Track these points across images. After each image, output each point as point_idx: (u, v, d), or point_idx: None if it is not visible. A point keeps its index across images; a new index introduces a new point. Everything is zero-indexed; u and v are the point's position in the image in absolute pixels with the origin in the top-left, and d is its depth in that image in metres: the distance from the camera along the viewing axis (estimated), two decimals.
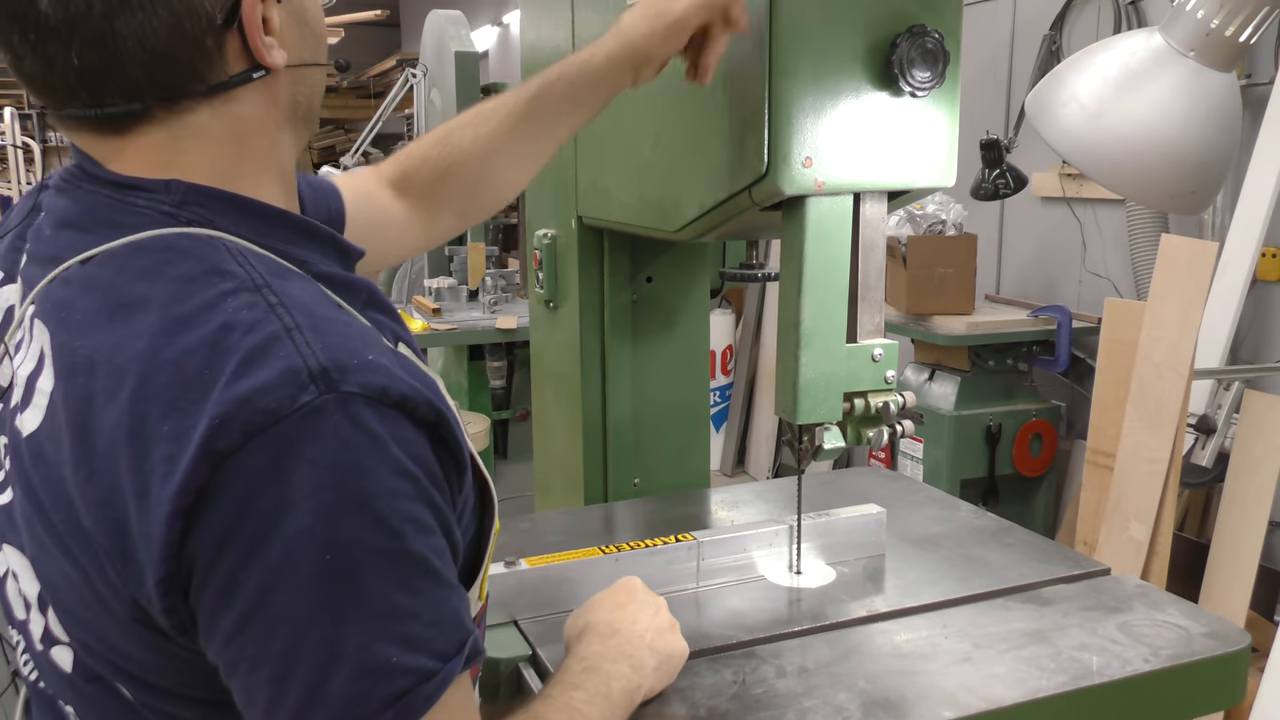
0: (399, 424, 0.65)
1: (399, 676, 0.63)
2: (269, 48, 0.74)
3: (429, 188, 1.17)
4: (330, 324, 0.67)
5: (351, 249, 0.82)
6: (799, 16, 1.04)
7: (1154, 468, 2.59)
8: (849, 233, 1.13)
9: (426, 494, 0.67)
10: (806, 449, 1.18)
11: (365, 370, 0.64)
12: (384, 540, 0.63)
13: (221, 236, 0.71)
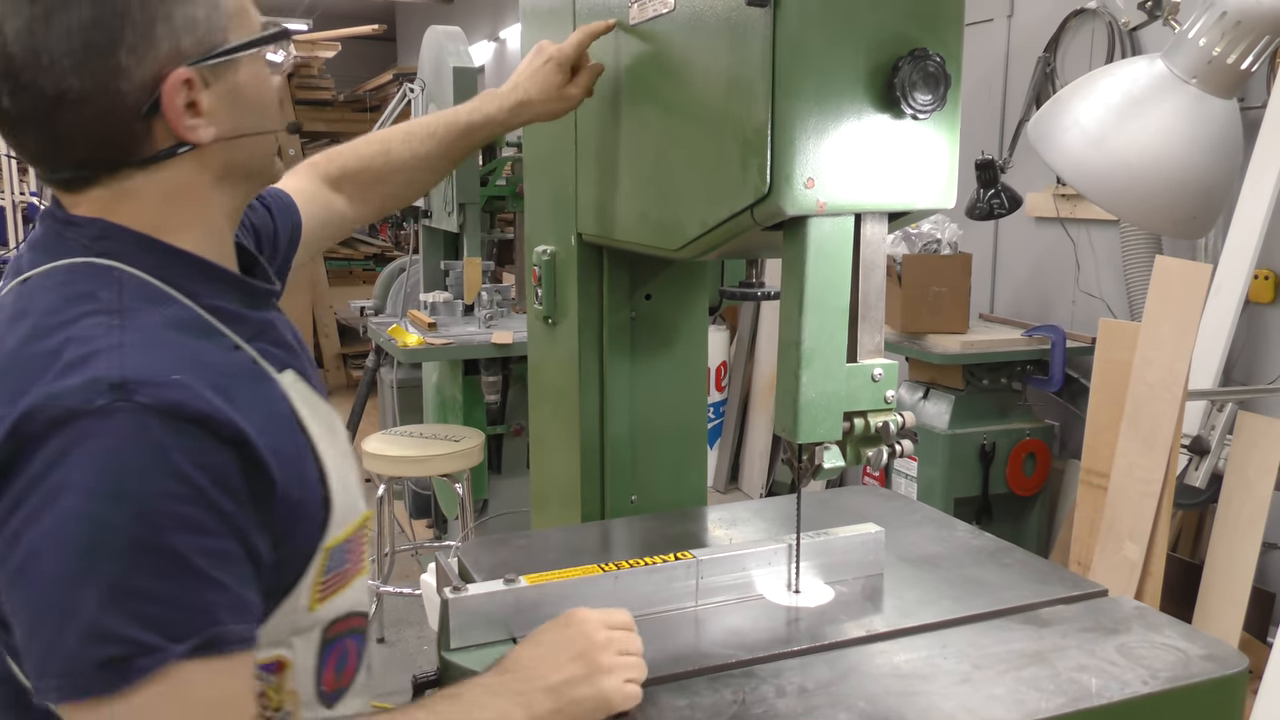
0: (190, 437, 0.77)
1: (119, 645, 0.74)
2: (193, 128, 0.88)
3: (365, 188, 1.41)
4: (161, 347, 0.81)
5: (257, 289, 0.96)
6: (802, 39, 1.05)
7: (1148, 488, 2.60)
8: (850, 253, 1.13)
9: (209, 500, 0.78)
10: (806, 468, 1.18)
11: (165, 388, 0.77)
12: (140, 530, 0.75)
13: (119, 267, 0.86)
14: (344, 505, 0.94)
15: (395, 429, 3.77)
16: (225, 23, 0.89)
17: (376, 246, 8.13)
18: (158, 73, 0.85)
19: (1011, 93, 3.85)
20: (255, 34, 0.92)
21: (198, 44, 0.87)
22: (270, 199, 1.23)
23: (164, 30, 0.84)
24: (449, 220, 4.19)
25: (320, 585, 0.93)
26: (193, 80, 0.87)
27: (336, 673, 0.99)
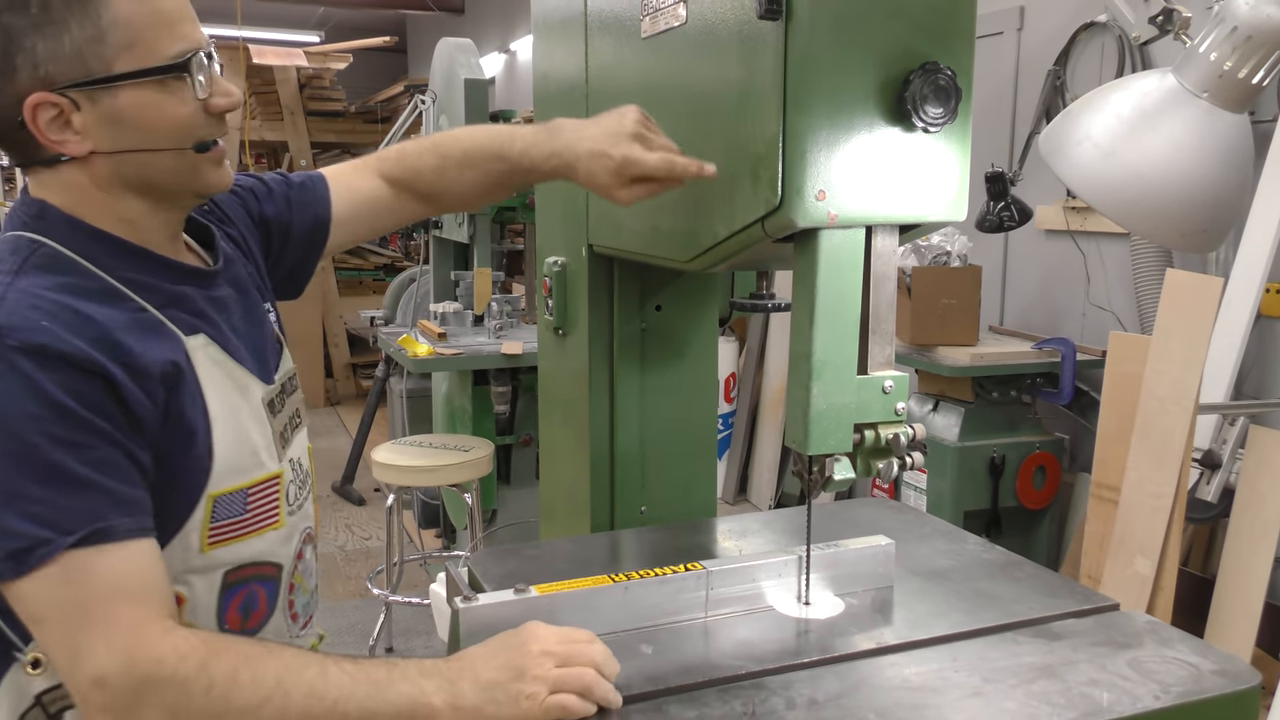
0: (56, 370, 0.92)
1: (16, 539, 0.91)
2: (62, 143, 1.01)
3: (418, 196, 1.44)
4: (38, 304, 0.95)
5: (169, 262, 1.10)
6: (813, 52, 1.05)
7: (1159, 502, 2.59)
8: (861, 265, 1.13)
9: (79, 418, 0.93)
10: (816, 480, 1.18)
11: (32, 332, 0.93)
12: (18, 446, 0.91)
13: (42, 240, 1.02)
14: (232, 458, 1.08)
15: (404, 439, 3.77)
16: (110, 54, 0.99)
17: (386, 257, 8.16)
18: (19, 96, 0.98)
19: (1021, 106, 3.85)
20: (147, 65, 1.01)
21: (64, 73, 0.98)
22: (299, 193, 1.35)
23: (24, 61, 0.97)
24: (459, 231, 4.21)
25: (210, 529, 1.07)
26: (59, 103, 0.99)
27: (242, 614, 1.13)
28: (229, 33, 8.18)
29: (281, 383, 1.24)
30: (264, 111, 7.72)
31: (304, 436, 1.30)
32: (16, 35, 0.97)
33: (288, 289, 1.40)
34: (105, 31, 0.98)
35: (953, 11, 1.09)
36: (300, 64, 7.56)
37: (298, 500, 1.23)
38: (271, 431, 1.17)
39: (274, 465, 1.16)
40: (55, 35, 0.97)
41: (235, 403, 1.11)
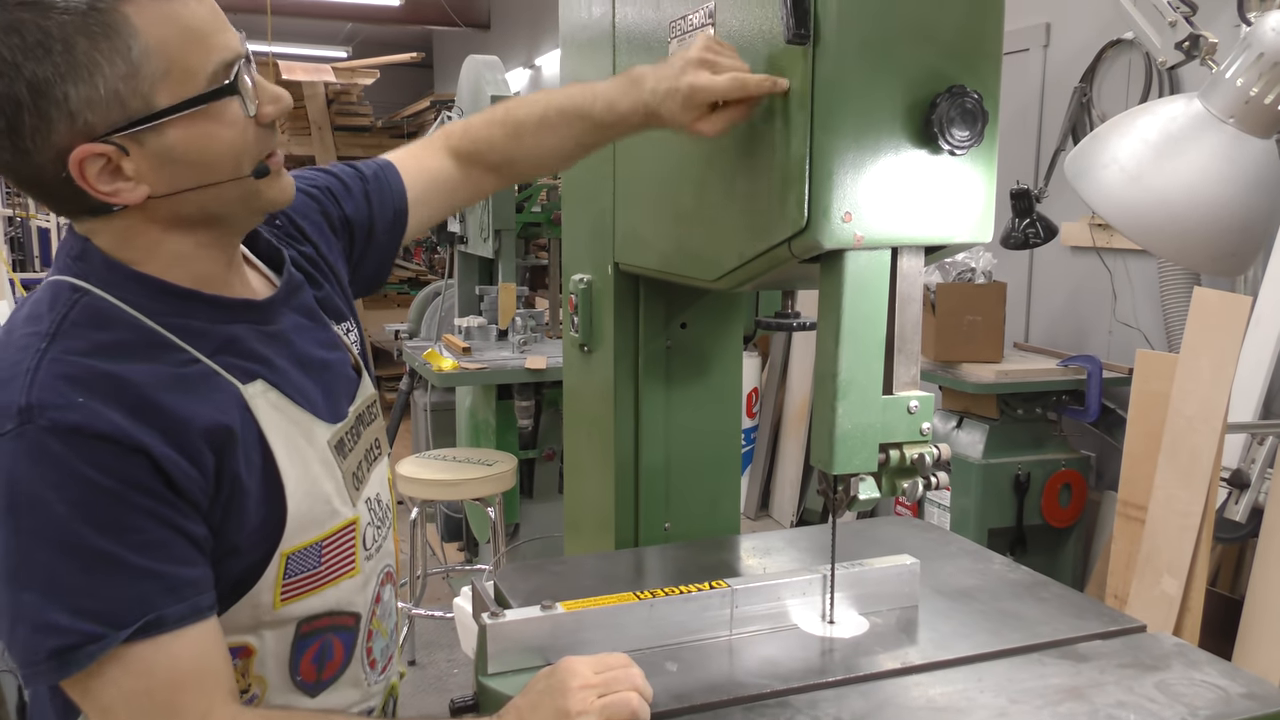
0: (95, 450, 0.86)
1: (64, 635, 0.85)
2: (116, 192, 0.93)
3: (490, 168, 1.38)
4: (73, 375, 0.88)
5: (220, 301, 1.02)
6: (841, 76, 1.06)
7: (1187, 521, 2.57)
8: (886, 286, 1.14)
9: (125, 500, 0.87)
10: (842, 499, 1.18)
11: (64, 410, 0.86)
12: (60, 538, 0.85)
13: (82, 285, 0.95)
14: (306, 513, 1.01)
15: (428, 452, 3.80)
16: (150, 87, 0.90)
17: (410, 270, 8.23)
18: (61, 151, 0.89)
19: (1047, 122, 3.84)
20: (193, 92, 0.92)
21: (105, 120, 0.89)
22: (375, 186, 1.29)
23: (59, 113, 0.88)
24: (484, 246, 4.24)
25: (283, 586, 1.01)
26: (107, 153, 0.90)
27: (317, 665, 1.07)
28: (259, 48, 8.29)
29: (357, 414, 1.16)
30: (292, 126, 7.82)
31: (384, 468, 1.22)
32: (45, 87, 0.87)
33: (373, 283, 1.34)
34: (139, 65, 0.88)
35: (980, 35, 1.10)
36: (328, 80, 7.65)
37: (376, 542, 1.15)
38: (341, 475, 1.08)
39: (348, 512, 1.08)
40: (88, 79, 0.87)
41: (303, 451, 1.03)
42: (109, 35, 0.87)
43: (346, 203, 1.26)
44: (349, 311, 1.24)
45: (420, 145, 1.38)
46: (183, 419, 0.91)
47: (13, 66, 0.86)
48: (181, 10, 0.91)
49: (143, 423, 0.89)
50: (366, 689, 1.15)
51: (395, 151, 1.38)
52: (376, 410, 1.23)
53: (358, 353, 1.22)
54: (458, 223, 4.55)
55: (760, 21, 1.17)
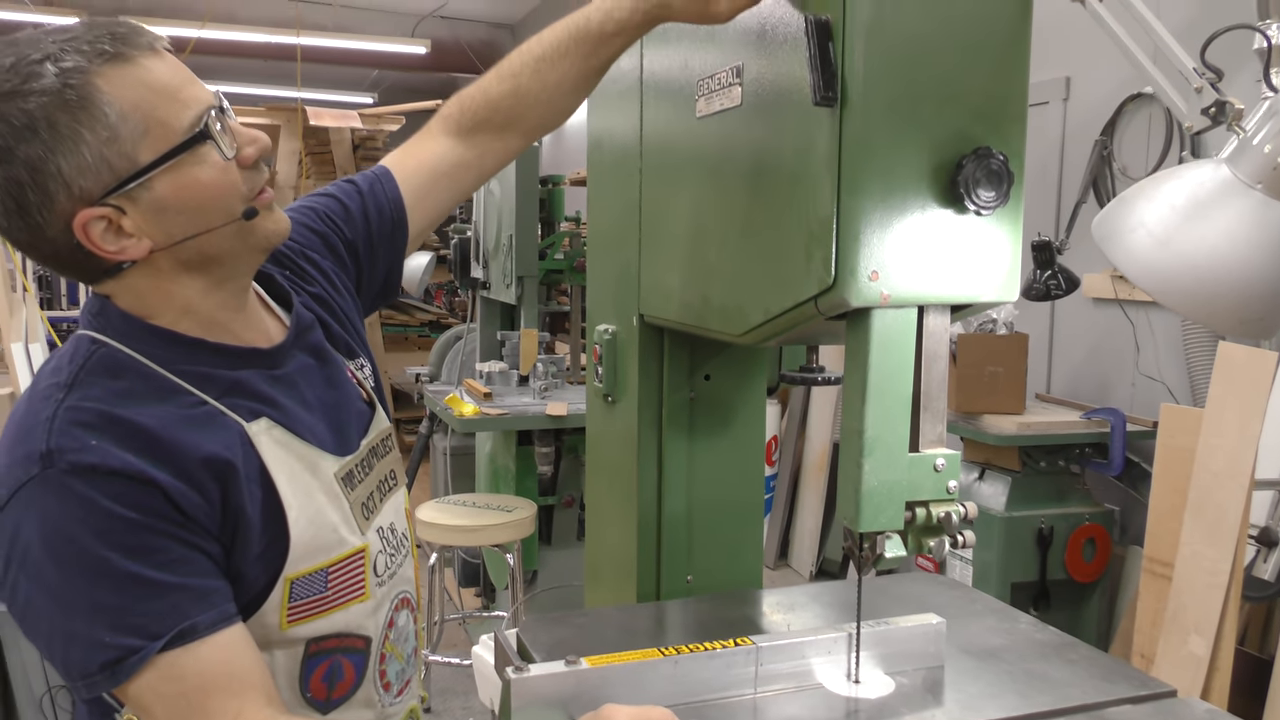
0: (112, 485, 0.94)
1: (111, 650, 0.94)
2: (122, 250, 1.00)
3: (496, 131, 1.35)
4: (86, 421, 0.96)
5: (228, 349, 1.08)
6: (867, 137, 1.08)
7: (1214, 579, 2.53)
8: (913, 344, 1.14)
9: (146, 526, 0.95)
10: (868, 557, 1.18)
11: (80, 453, 0.94)
12: (93, 566, 0.93)
13: (100, 338, 1.03)
14: (310, 540, 1.08)
15: (448, 497, 3.80)
16: (131, 147, 0.97)
17: (432, 313, 8.28)
18: (66, 220, 0.97)
19: (1068, 174, 3.86)
20: (168, 144, 0.98)
21: (98, 183, 0.96)
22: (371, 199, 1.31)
23: (57, 186, 0.95)
24: (507, 292, 4.27)
25: (289, 609, 1.07)
26: (106, 214, 0.98)
27: (327, 684, 1.12)
28: (289, 94, 8.45)
29: (370, 446, 1.21)
30: (318, 170, 7.93)
31: (399, 499, 1.27)
32: (39, 164, 0.94)
33: (385, 294, 1.37)
34: (118, 128, 0.96)
35: (1005, 98, 1.11)
36: (355, 125, 7.77)
37: (389, 570, 1.20)
38: (349, 505, 1.14)
39: (357, 540, 1.14)
40: (75, 151, 0.95)
41: (307, 482, 1.10)
42: (85, 107, 0.95)
43: (347, 227, 1.30)
44: (360, 348, 1.29)
45: (419, 136, 1.38)
46: (187, 454, 0.99)
47: (8, 152, 0.94)
48: (146, 73, 0.98)
49: (152, 459, 0.97)
50: (381, 710, 1.19)
51: (394, 151, 1.38)
52: (392, 443, 1.29)
53: (371, 387, 1.27)
54: (481, 269, 4.59)
55: (787, 82, 1.19)
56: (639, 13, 1.23)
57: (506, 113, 1.33)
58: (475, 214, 4.67)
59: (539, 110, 1.33)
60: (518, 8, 10.39)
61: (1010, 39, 1.11)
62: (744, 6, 1.19)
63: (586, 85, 1.33)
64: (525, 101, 1.32)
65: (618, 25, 1.24)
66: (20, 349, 3.02)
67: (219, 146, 1.01)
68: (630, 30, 1.26)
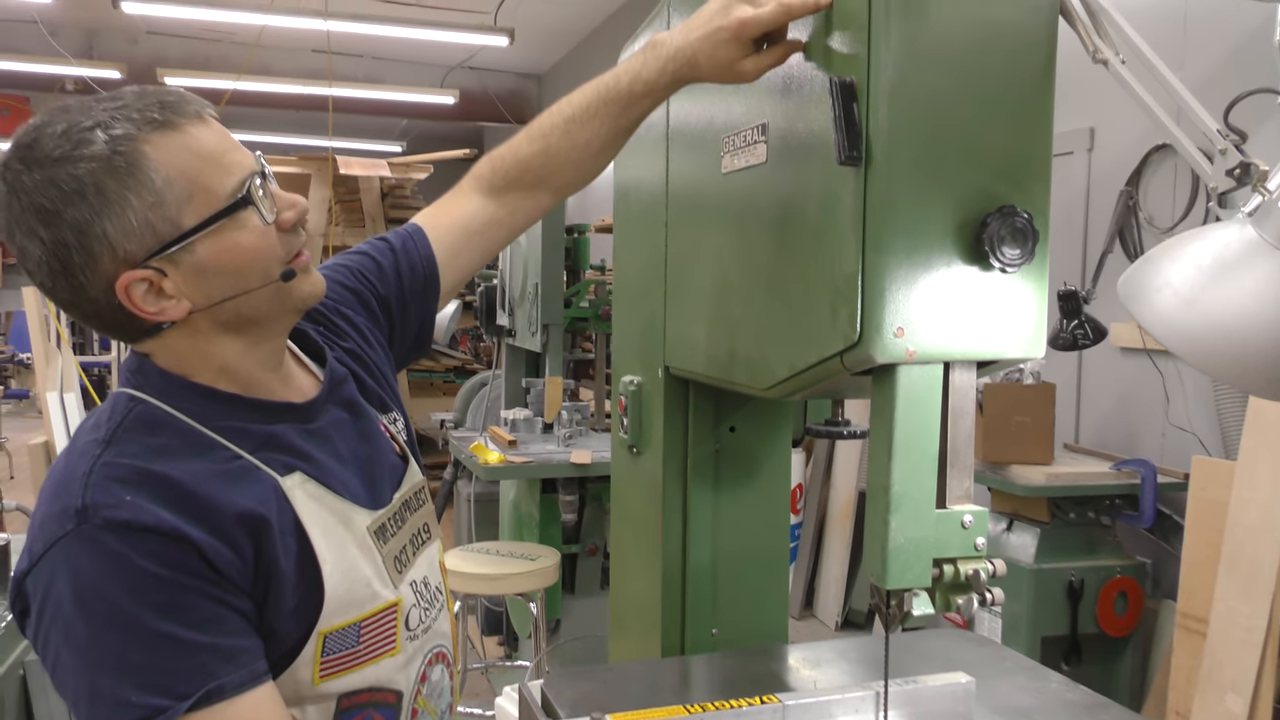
0: (146, 542, 0.94)
1: (137, 710, 0.93)
2: (162, 310, 1.02)
3: (527, 190, 1.38)
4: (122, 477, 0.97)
5: (263, 404, 1.10)
6: (892, 196, 1.09)
7: (1250, 636, 2.48)
8: (939, 400, 1.14)
9: (177, 584, 0.95)
10: (895, 614, 1.17)
11: (116, 509, 0.95)
12: (123, 623, 0.94)
13: (139, 395, 1.05)
14: (344, 595, 1.08)
15: (471, 545, 3.80)
16: (175, 211, 1.00)
17: (457, 359, 8.34)
18: (109, 281, 1.00)
19: (1094, 224, 3.86)
20: (210, 209, 1.01)
21: (142, 246, 0.99)
22: (404, 255, 1.33)
23: (102, 248, 0.98)
24: (532, 340, 4.30)
25: (322, 663, 1.07)
26: (148, 276, 1.00)
27: None
28: (320, 143, 8.61)
29: (404, 500, 1.22)
30: (347, 218, 8.05)
31: (433, 552, 1.27)
32: (86, 227, 0.98)
33: (418, 348, 1.39)
34: (163, 193, 0.99)
35: (1028, 157, 1.12)
36: (384, 174, 7.90)
37: (422, 624, 1.19)
38: (382, 559, 1.15)
39: (389, 594, 1.14)
40: (120, 214, 0.98)
41: (340, 535, 1.10)
42: (133, 172, 0.98)
43: (380, 284, 1.33)
44: (393, 402, 1.30)
45: (451, 194, 1.41)
46: (222, 509, 0.99)
47: (56, 215, 0.97)
48: (193, 140, 1.01)
49: (185, 515, 0.97)
50: None
51: (427, 209, 1.41)
52: (425, 496, 1.29)
53: (404, 440, 1.28)
54: (506, 316, 4.63)
55: (812, 139, 1.20)
56: (666, 74, 1.25)
57: (537, 171, 1.36)
58: (502, 262, 4.72)
59: (569, 169, 1.36)
60: (545, 59, 10.57)
61: (1033, 99, 1.12)
62: (769, 66, 1.21)
63: (615, 144, 1.36)
64: (556, 161, 1.34)
65: (646, 86, 1.27)
66: (55, 398, 3.07)
67: (259, 211, 1.04)
68: (658, 91, 1.28)
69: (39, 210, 0.97)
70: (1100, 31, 1.14)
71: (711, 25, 1.19)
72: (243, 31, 9.08)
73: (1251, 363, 1.02)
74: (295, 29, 8.45)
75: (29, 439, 5.21)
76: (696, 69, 1.23)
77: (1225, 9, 3.23)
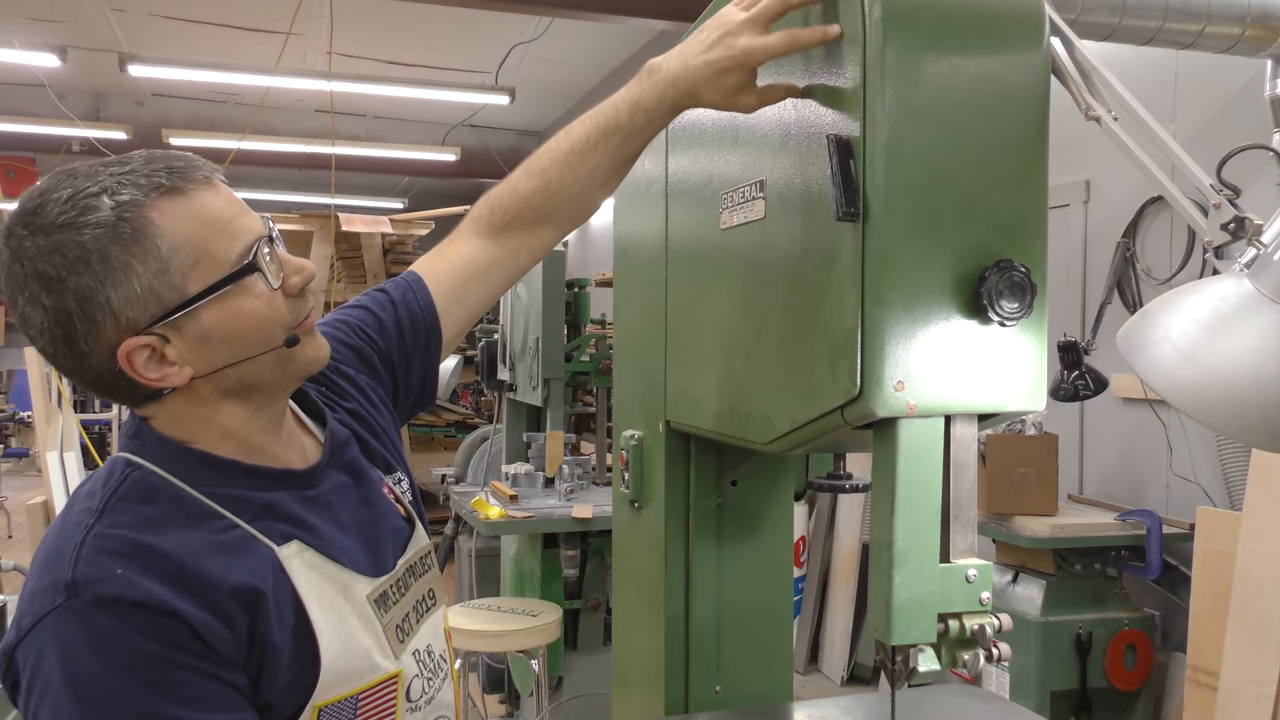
0: (135, 617, 0.92)
1: None
2: (164, 377, 1.01)
3: (528, 227, 1.35)
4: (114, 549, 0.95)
5: (262, 471, 1.08)
6: (890, 252, 1.10)
7: (1261, 690, 2.45)
8: (940, 453, 1.14)
9: (168, 660, 0.93)
10: (900, 670, 1.16)
11: (105, 583, 0.93)
12: (113, 700, 0.91)
13: (136, 460, 1.03)
14: (342, 666, 1.04)
15: (472, 601, 3.76)
16: (180, 279, 0.98)
17: (458, 414, 8.34)
18: (111, 348, 0.98)
19: (1091, 275, 3.88)
20: (216, 275, 1.00)
21: (145, 313, 0.98)
22: (404, 307, 1.31)
23: (105, 315, 0.97)
24: (533, 395, 4.30)
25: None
26: (151, 343, 0.99)
27: None
28: (323, 200, 8.71)
29: (408, 566, 1.19)
30: (349, 274, 8.11)
31: (438, 619, 1.23)
32: (89, 294, 0.96)
33: (423, 400, 1.37)
34: (168, 260, 0.97)
35: (1024, 212, 1.14)
36: (385, 230, 7.97)
37: (424, 695, 1.16)
38: (382, 629, 1.11)
39: (390, 665, 1.10)
40: (125, 282, 0.96)
41: (339, 605, 1.07)
42: (138, 239, 0.96)
43: (381, 339, 1.30)
44: (398, 462, 1.27)
45: (450, 239, 1.38)
46: (215, 583, 0.97)
47: (59, 282, 0.96)
48: (200, 206, 1.00)
49: (177, 589, 0.95)
50: None
51: (426, 256, 1.38)
52: (431, 561, 1.25)
53: (409, 502, 1.24)
54: (507, 371, 4.63)
55: (810, 195, 1.22)
56: (666, 102, 1.24)
57: (538, 208, 1.33)
58: (502, 317, 4.74)
59: (572, 203, 1.34)
60: (545, 116, 10.72)
61: (1028, 157, 1.14)
62: (772, 100, 1.21)
63: (618, 175, 1.34)
64: (558, 196, 1.32)
65: (646, 115, 1.26)
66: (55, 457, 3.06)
67: (265, 277, 1.02)
68: (658, 120, 1.27)
69: (42, 277, 0.95)
70: (1092, 90, 1.16)
71: (714, 53, 1.18)
72: (247, 93, 9.24)
73: (1251, 416, 1.03)
74: (299, 90, 8.59)
75: (28, 498, 5.18)
76: (697, 97, 1.22)
77: (1214, 64, 3.29)
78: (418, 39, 8.16)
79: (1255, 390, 1.01)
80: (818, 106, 1.19)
